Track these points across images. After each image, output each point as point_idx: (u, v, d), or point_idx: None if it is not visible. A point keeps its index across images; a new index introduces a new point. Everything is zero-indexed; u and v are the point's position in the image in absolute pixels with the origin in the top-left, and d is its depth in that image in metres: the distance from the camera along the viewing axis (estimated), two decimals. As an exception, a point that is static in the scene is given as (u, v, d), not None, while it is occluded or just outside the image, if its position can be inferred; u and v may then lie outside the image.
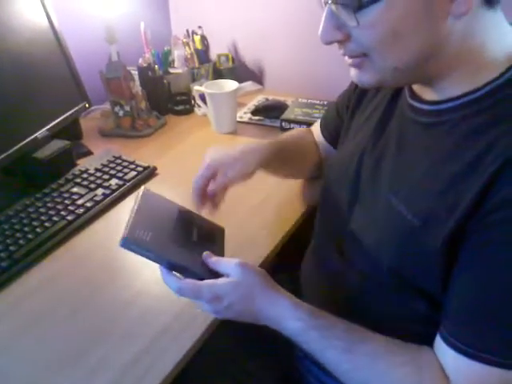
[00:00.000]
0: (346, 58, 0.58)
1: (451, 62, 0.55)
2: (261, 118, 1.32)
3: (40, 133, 1.03)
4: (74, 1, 1.33)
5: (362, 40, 0.54)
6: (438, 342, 0.56)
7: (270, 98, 1.43)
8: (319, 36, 0.56)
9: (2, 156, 0.95)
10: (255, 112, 1.33)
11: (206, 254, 0.65)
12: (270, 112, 1.31)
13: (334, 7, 0.53)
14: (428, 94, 0.61)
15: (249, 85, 1.53)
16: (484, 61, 0.55)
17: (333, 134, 0.91)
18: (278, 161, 0.85)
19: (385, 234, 0.62)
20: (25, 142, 0.99)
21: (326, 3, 0.54)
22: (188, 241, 0.68)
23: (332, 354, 0.60)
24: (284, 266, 0.90)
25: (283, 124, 1.23)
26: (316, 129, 0.97)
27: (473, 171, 0.52)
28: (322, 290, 0.77)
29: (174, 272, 0.64)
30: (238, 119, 1.31)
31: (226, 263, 0.64)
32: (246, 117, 1.34)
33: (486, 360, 0.51)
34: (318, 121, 0.98)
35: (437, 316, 0.57)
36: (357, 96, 0.80)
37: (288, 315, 0.61)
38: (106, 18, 1.20)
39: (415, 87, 0.63)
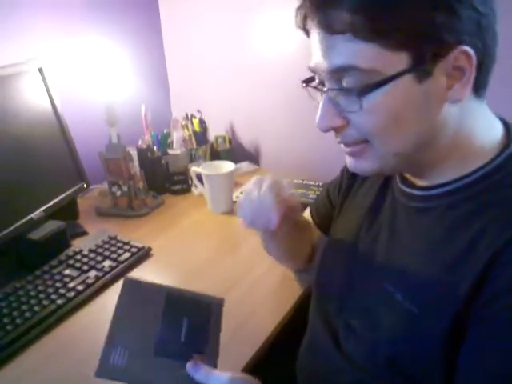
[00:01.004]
0: (343, 146, 0.59)
1: (444, 151, 0.57)
2: (257, 198, 1.33)
3: (36, 214, 1.03)
4: (77, 84, 1.39)
5: (362, 126, 0.54)
6: None
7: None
8: (317, 123, 0.57)
9: (-3, 237, 0.94)
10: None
11: (191, 365, 0.56)
12: (266, 192, 1.32)
13: (332, 94, 0.55)
14: (418, 180, 0.62)
15: (245, 165, 1.56)
16: (473, 149, 0.56)
17: (323, 220, 0.89)
18: (294, 230, 0.82)
19: (381, 321, 0.60)
20: (20, 222, 0.99)
21: (322, 92, 0.56)
22: (176, 343, 0.60)
23: None
24: (277, 360, 0.85)
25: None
26: (306, 215, 0.95)
27: (467, 258, 0.52)
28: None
29: None
30: (235, 199, 1.32)
31: (217, 378, 0.56)
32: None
33: None
34: (308, 208, 0.96)
35: None
36: (347, 182, 0.80)
37: None
38: (108, 100, 1.24)
39: (405, 173, 0.64)
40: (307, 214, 0.96)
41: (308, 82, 0.60)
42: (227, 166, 1.26)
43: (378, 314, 0.61)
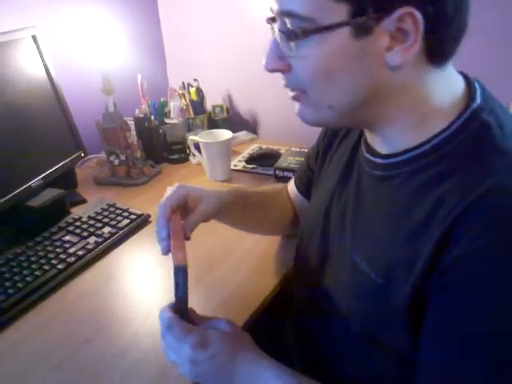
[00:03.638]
0: (289, 91, 0.59)
1: (393, 112, 0.55)
2: (255, 166, 1.34)
3: (34, 181, 1.03)
4: (72, 52, 1.37)
5: (298, 72, 0.54)
6: None
7: (264, 146, 1.46)
8: (263, 64, 0.56)
9: (-4, 204, 0.95)
10: (249, 160, 1.35)
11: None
12: (264, 160, 1.33)
13: (278, 36, 0.54)
14: (380, 147, 0.60)
15: (243, 134, 1.56)
16: (431, 113, 0.54)
17: (306, 187, 0.88)
18: (241, 207, 0.82)
19: (353, 292, 0.61)
20: (19, 190, 1.00)
21: (272, 29, 0.56)
22: None
23: None
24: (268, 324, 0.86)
25: (277, 172, 1.25)
26: (291, 183, 0.95)
27: (426, 228, 0.51)
28: (302, 352, 0.76)
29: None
30: (233, 167, 1.33)
31: (215, 319, 0.64)
32: (241, 165, 1.36)
33: None
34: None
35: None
36: (324, 147, 0.79)
37: (268, 375, 0.59)
38: (104, 69, 1.23)
39: (369, 140, 0.63)
40: (291, 182, 0.95)
41: (272, 20, 0.58)
42: (225, 134, 1.26)
43: (350, 284, 0.61)
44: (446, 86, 0.55)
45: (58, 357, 0.73)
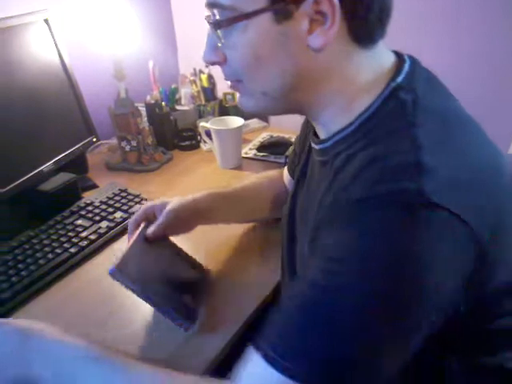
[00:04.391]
0: (229, 82, 0.61)
1: (323, 95, 0.56)
2: (266, 154, 1.33)
3: (46, 166, 1.04)
4: (85, 38, 1.37)
5: (230, 62, 0.56)
6: None
7: (275, 135, 1.45)
8: (202, 57, 0.59)
9: (8, 188, 0.95)
10: (260, 148, 1.34)
11: None
12: (275, 148, 1.32)
13: (209, 28, 0.56)
14: (320, 133, 0.62)
15: (254, 122, 1.55)
16: (356, 93, 0.55)
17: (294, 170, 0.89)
18: (226, 206, 0.87)
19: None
20: (30, 174, 1.00)
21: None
22: (170, 282, 0.74)
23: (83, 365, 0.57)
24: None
25: (288, 160, 1.24)
26: (285, 168, 0.97)
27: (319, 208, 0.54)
28: None
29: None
30: (243, 155, 1.33)
31: None
32: (252, 153, 1.35)
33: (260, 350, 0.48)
34: None
35: None
36: (303, 132, 0.81)
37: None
38: (115, 55, 1.23)
39: (315, 127, 0.64)
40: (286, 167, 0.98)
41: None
42: (236, 122, 1.26)
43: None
44: (373, 66, 0.56)
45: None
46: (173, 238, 0.84)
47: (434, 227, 0.44)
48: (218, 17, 0.54)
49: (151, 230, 0.78)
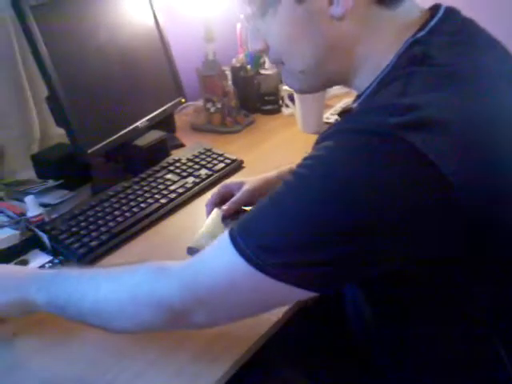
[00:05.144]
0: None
1: (356, 61, 0.58)
2: (347, 119, 1.33)
3: (141, 122, 1.11)
4: (177, 1, 1.42)
5: (271, 48, 0.61)
6: None
7: (358, 101, 1.43)
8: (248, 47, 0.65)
9: (106, 141, 1.03)
10: (342, 114, 1.33)
11: None
12: (358, 114, 1.31)
13: (246, 21, 0.62)
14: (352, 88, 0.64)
15: (337, 88, 1.54)
16: (382, 54, 0.56)
17: None
18: None
19: None
20: (127, 129, 1.08)
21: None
22: None
23: (71, 292, 0.63)
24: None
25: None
26: None
27: None
28: None
29: None
30: (325, 120, 1.33)
31: None
32: (333, 118, 1.35)
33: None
34: None
35: None
36: None
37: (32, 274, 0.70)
38: (206, 17, 1.26)
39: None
40: None
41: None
42: (319, 86, 1.26)
43: None
44: (398, 24, 0.56)
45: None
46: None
47: (388, 155, 0.47)
48: (249, 11, 0.60)
49: (227, 205, 0.85)
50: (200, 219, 0.95)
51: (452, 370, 0.60)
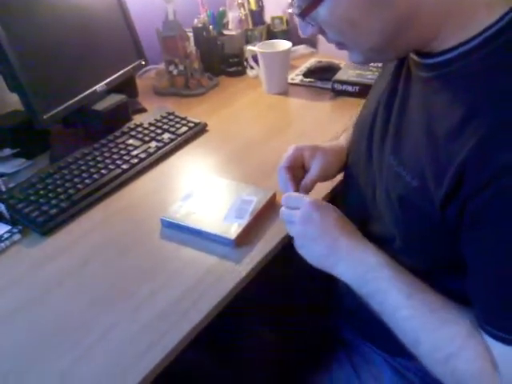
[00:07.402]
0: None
1: (434, 22, 0.52)
2: (312, 80, 1.31)
3: (99, 86, 1.07)
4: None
5: (331, 35, 0.57)
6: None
7: (324, 60, 1.41)
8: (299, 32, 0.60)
9: (63, 106, 1.00)
10: (307, 74, 1.32)
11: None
12: (323, 74, 1.30)
13: (298, 19, 0.57)
14: (428, 47, 0.57)
15: (302, 48, 1.52)
16: (473, 10, 0.51)
17: None
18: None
19: (392, 197, 0.60)
20: (84, 93, 1.04)
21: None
22: None
23: (395, 297, 0.59)
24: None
25: (335, 85, 1.22)
26: None
27: (462, 132, 0.49)
28: None
29: None
30: (290, 81, 1.31)
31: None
32: (298, 79, 1.34)
33: None
34: None
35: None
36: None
37: (368, 248, 0.64)
38: (164, -25, 1.21)
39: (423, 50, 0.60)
40: None
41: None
42: (283, 45, 1.24)
43: (388, 189, 0.61)
44: None
45: (122, 245, 0.80)
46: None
47: None
48: (299, 7, 0.55)
49: (304, 182, 0.76)
50: (164, 184, 0.94)
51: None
